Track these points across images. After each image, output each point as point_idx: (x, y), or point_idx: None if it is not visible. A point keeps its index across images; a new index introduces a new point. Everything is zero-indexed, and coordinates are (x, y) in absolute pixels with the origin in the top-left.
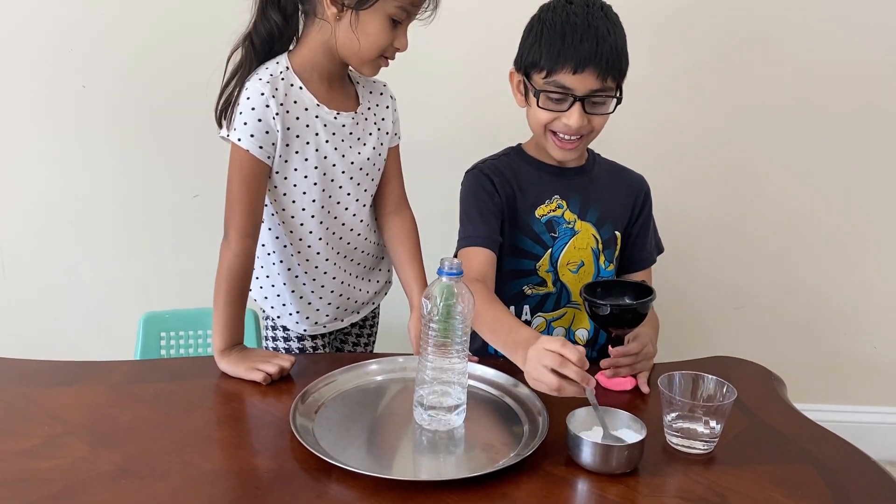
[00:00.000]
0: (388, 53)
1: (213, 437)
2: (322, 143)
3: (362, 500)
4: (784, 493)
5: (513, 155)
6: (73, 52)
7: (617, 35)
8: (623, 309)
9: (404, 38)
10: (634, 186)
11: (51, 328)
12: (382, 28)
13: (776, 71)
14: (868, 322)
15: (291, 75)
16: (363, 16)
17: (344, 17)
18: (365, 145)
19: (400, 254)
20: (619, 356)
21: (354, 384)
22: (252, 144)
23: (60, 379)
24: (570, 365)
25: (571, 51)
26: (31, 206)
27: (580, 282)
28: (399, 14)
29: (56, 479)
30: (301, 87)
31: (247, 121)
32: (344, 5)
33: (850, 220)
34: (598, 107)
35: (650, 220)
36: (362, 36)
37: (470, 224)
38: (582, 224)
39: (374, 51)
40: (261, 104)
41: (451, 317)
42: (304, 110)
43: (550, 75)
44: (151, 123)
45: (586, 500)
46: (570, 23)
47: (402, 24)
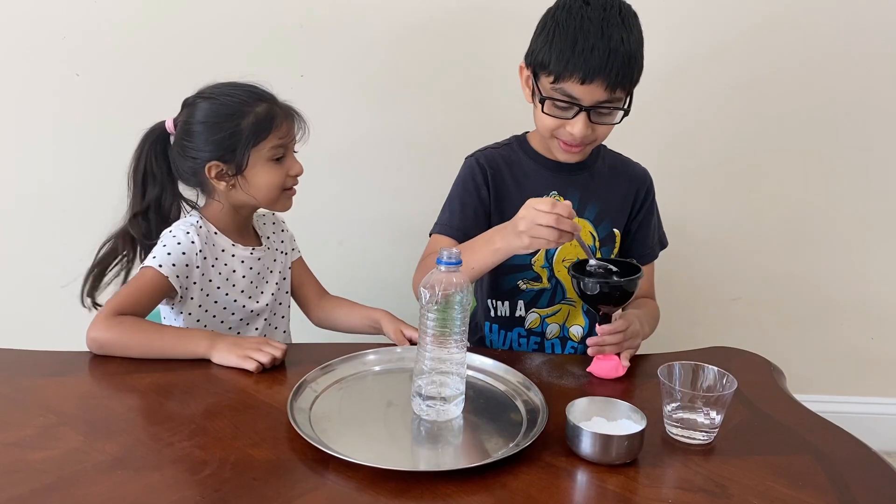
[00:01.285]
0: (289, 185)
1: (209, 428)
2: (239, 278)
3: (360, 491)
4: (784, 483)
5: (515, 145)
6: (67, 39)
7: (631, 42)
8: (612, 286)
9: (296, 165)
10: (636, 180)
11: (43, 318)
12: (270, 172)
13: (777, 64)
14: (865, 313)
15: (207, 223)
16: (248, 175)
17: (235, 185)
18: (271, 272)
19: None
20: (606, 334)
21: (352, 374)
22: (171, 273)
23: (54, 369)
24: (565, 221)
25: (581, 61)
26: (24, 195)
27: None
28: (277, 153)
29: (50, 469)
30: (216, 233)
31: (171, 252)
32: (229, 176)
33: (848, 212)
34: (604, 117)
35: (652, 215)
36: (257, 189)
37: (448, 212)
38: (580, 221)
39: (275, 192)
40: (187, 241)
41: (449, 307)
42: (220, 251)
43: (558, 81)
44: (146, 112)
45: (586, 491)
46: (584, 29)
47: (287, 155)
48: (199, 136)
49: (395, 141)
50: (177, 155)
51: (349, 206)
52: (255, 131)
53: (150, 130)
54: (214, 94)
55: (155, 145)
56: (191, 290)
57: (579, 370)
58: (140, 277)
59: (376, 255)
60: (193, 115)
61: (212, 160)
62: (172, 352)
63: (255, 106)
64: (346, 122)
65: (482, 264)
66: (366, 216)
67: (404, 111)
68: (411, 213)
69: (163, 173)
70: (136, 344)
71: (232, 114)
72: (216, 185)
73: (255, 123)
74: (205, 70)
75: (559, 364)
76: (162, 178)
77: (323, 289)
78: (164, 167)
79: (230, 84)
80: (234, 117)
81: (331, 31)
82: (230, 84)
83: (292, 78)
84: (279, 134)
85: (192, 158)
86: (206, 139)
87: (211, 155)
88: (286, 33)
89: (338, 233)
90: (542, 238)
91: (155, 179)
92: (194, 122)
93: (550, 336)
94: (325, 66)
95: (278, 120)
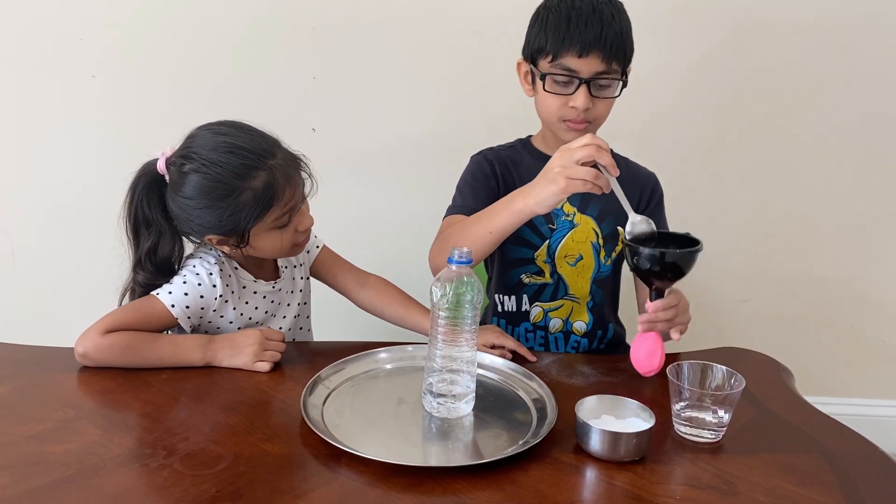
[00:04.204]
0: (298, 240)
1: (224, 423)
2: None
3: (372, 486)
4: (791, 481)
5: (519, 147)
6: (84, 41)
7: (622, 21)
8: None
9: (305, 219)
10: (640, 182)
11: (60, 316)
12: (275, 238)
13: (785, 62)
14: (876, 315)
15: (229, 259)
16: (253, 242)
17: (240, 249)
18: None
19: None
20: (659, 310)
21: (364, 371)
22: (182, 315)
23: (72, 365)
24: (604, 152)
25: (577, 34)
26: (41, 195)
27: (578, 276)
28: (282, 220)
29: (69, 462)
30: (237, 268)
31: (188, 292)
32: (231, 245)
33: (858, 213)
34: (603, 90)
35: (659, 217)
36: (263, 252)
37: (460, 197)
38: (582, 217)
39: (284, 251)
40: (208, 283)
41: (460, 305)
42: (242, 288)
43: (556, 59)
44: (161, 113)
45: (594, 487)
46: (576, 8)
47: (294, 216)
48: (193, 210)
49: (405, 141)
50: (175, 212)
51: (359, 207)
52: (253, 209)
53: (140, 174)
54: (206, 165)
55: (148, 190)
56: (202, 325)
57: (588, 368)
58: (148, 305)
59: (386, 255)
60: (184, 187)
61: (211, 234)
62: (168, 363)
63: (252, 179)
64: (357, 123)
65: (500, 226)
66: (376, 216)
67: (413, 112)
68: (420, 213)
69: (158, 218)
70: (127, 360)
71: (226, 194)
72: (219, 248)
73: (254, 200)
74: (219, 72)
75: (569, 363)
76: (158, 225)
77: (361, 273)
78: (159, 212)
79: (223, 146)
80: (230, 197)
81: (342, 34)
82: (223, 146)
83: (305, 80)
84: (281, 203)
85: (190, 229)
86: (202, 217)
87: (209, 230)
88: (299, 36)
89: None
90: (578, 178)
91: (149, 227)
92: (186, 196)
93: (553, 330)
94: (336, 69)
95: (279, 189)
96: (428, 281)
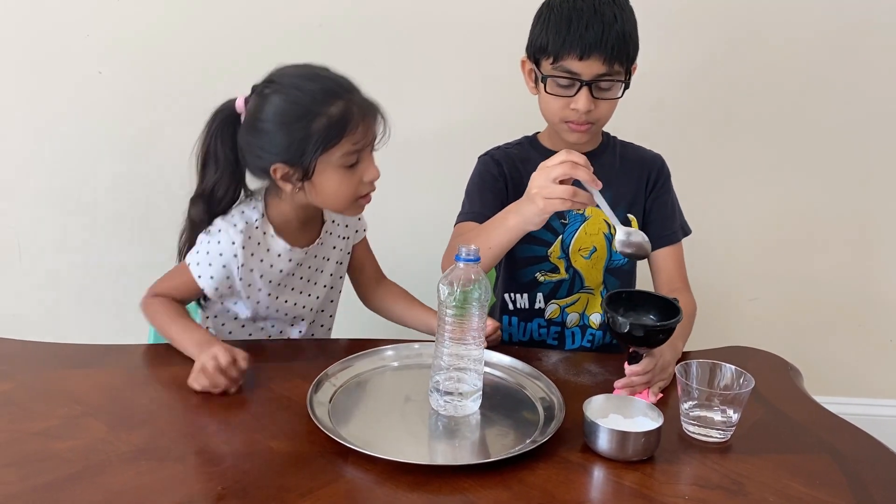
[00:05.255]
0: (363, 191)
1: (231, 420)
2: (289, 277)
3: (379, 484)
4: (801, 481)
5: (526, 145)
6: (91, 37)
7: (625, 21)
8: (647, 330)
9: (372, 169)
10: (647, 164)
11: (65, 311)
12: (340, 180)
13: (794, 59)
14: (883, 314)
15: (265, 223)
16: (316, 181)
17: (302, 188)
18: (327, 260)
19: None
20: (633, 375)
21: (371, 369)
22: (209, 286)
23: (78, 361)
24: (580, 168)
25: (577, 37)
26: (47, 190)
27: (593, 267)
28: (349, 160)
29: (75, 458)
30: (273, 235)
31: (212, 263)
32: (295, 180)
33: (866, 211)
34: (605, 91)
35: (668, 196)
36: (325, 197)
37: (468, 202)
38: (593, 209)
39: (345, 201)
40: (229, 253)
41: (467, 303)
42: (276, 256)
43: (557, 61)
44: (167, 109)
45: (602, 487)
46: (577, 8)
47: (362, 160)
48: (266, 134)
49: (411, 141)
50: (245, 144)
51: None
52: (325, 136)
53: (219, 110)
54: (286, 88)
55: (223, 127)
56: (232, 294)
57: (596, 367)
58: (180, 275)
59: (395, 255)
60: (262, 110)
61: (278, 162)
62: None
63: (330, 105)
64: None
65: (498, 243)
66: (384, 215)
67: (419, 110)
68: (428, 212)
69: (227, 158)
70: (157, 329)
71: (303, 115)
72: (282, 185)
73: (327, 127)
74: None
75: (576, 361)
76: (224, 163)
77: (381, 273)
78: (229, 151)
79: (306, 74)
80: (305, 119)
81: (349, 31)
82: (306, 74)
83: None
84: (353, 138)
85: (258, 157)
86: (273, 139)
87: (277, 157)
88: (305, 33)
89: None
90: (555, 197)
91: (217, 163)
92: (262, 119)
93: (570, 325)
94: (342, 65)
95: (353, 122)
96: (433, 281)
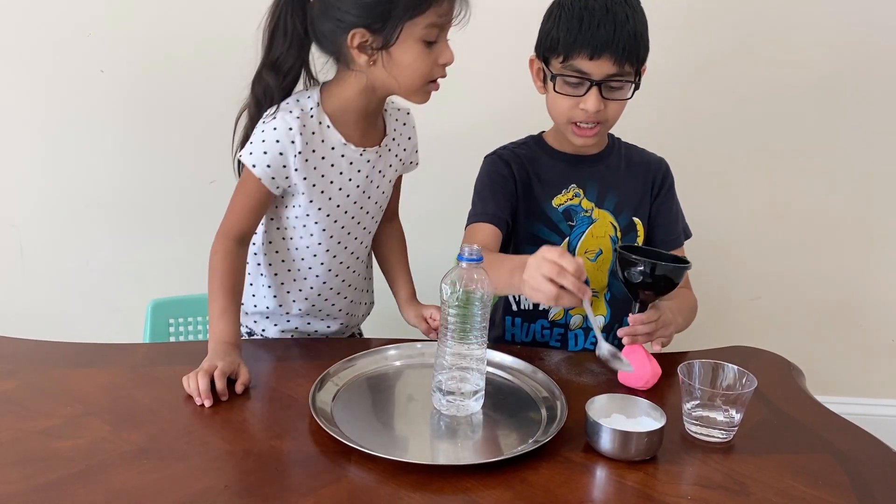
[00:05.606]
0: (436, 74)
1: (233, 419)
2: (345, 181)
3: (381, 483)
4: (804, 482)
5: (532, 144)
6: (93, 36)
7: (636, 21)
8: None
9: (447, 51)
10: (652, 168)
11: (67, 310)
12: (418, 55)
13: (796, 59)
14: (886, 314)
15: (321, 113)
16: (395, 52)
17: (377, 61)
18: (383, 177)
19: (388, 254)
20: (638, 323)
21: (373, 369)
22: (265, 175)
23: (80, 360)
24: (567, 275)
25: (588, 36)
26: (49, 189)
27: (598, 270)
28: (431, 34)
29: (77, 458)
30: (329, 126)
31: (267, 151)
32: (373, 49)
33: (868, 211)
34: (615, 92)
35: (672, 201)
36: (400, 73)
37: (480, 203)
38: (600, 212)
39: (419, 80)
40: (286, 140)
41: (470, 303)
42: (330, 149)
43: (567, 60)
44: (169, 108)
45: (605, 487)
46: (588, 7)
47: (440, 40)
48: None
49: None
50: (318, 12)
51: None
52: (413, 2)
53: None
54: None
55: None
56: (293, 190)
57: (598, 367)
58: (241, 187)
59: None
60: None
61: (357, 27)
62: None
63: None
64: None
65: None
66: None
67: (422, 110)
68: (434, 211)
69: (296, 30)
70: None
71: None
72: (356, 56)
73: None
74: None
75: (578, 361)
76: (292, 36)
77: (397, 211)
78: (299, 24)
79: None
80: None
81: None
82: None
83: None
84: (439, 10)
85: (336, 20)
86: (357, 1)
87: (358, 20)
88: None
89: None
90: (540, 291)
91: (285, 35)
92: None
93: (574, 327)
94: None
95: None
96: (437, 278)
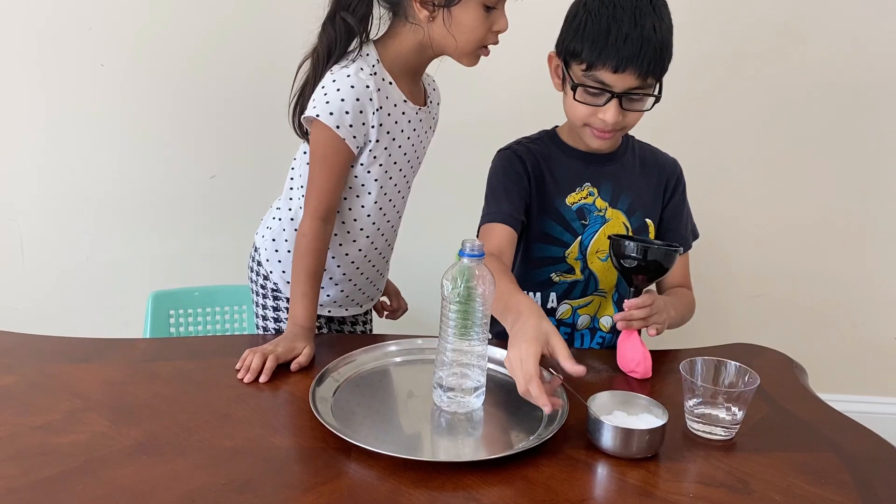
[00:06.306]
0: (489, 41)
1: (233, 415)
2: (405, 139)
3: (381, 480)
4: (806, 480)
5: (546, 139)
6: (93, 30)
7: (663, 31)
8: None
9: (503, 19)
10: (666, 170)
11: (68, 305)
12: (477, 18)
13: (799, 59)
14: (888, 312)
15: (382, 70)
16: (456, 11)
17: (437, 17)
18: (427, 138)
19: None
20: (632, 308)
21: (374, 365)
22: (348, 134)
23: (80, 355)
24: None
25: (614, 50)
26: (49, 183)
27: (608, 270)
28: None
29: (77, 453)
30: (391, 83)
31: (349, 110)
32: (435, 5)
33: (871, 209)
34: (635, 103)
35: (683, 204)
36: (458, 32)
37: (494, 202)
38: (613, 212)
39: (474, 43)
40: (365, 96)
41: (471, 299)
42: (393, 106)
43: (590, 70)
44: (170, 102)
45: (606, 484)
46: (616, 18)
47: (498, 6)
48: None
49: None
50: None
51: None
52: None
53: None
54: None
55: None
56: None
57: (601, 364)
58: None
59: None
60: None
61: None
62: None
63: None
64: None
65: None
66: None
67: None
68: (437, 211)
69: None
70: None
71: None
72: (417, 10)
73: None
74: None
75: (580, 358)
76: None
77: None
78: None
79: None
80: None
81: None
82: None
83: None
84: None
85: None
86: None
87: None
88: (310, 30)
89: None
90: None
91: None
92: None
93: (581, 327)
94: None
95: None
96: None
